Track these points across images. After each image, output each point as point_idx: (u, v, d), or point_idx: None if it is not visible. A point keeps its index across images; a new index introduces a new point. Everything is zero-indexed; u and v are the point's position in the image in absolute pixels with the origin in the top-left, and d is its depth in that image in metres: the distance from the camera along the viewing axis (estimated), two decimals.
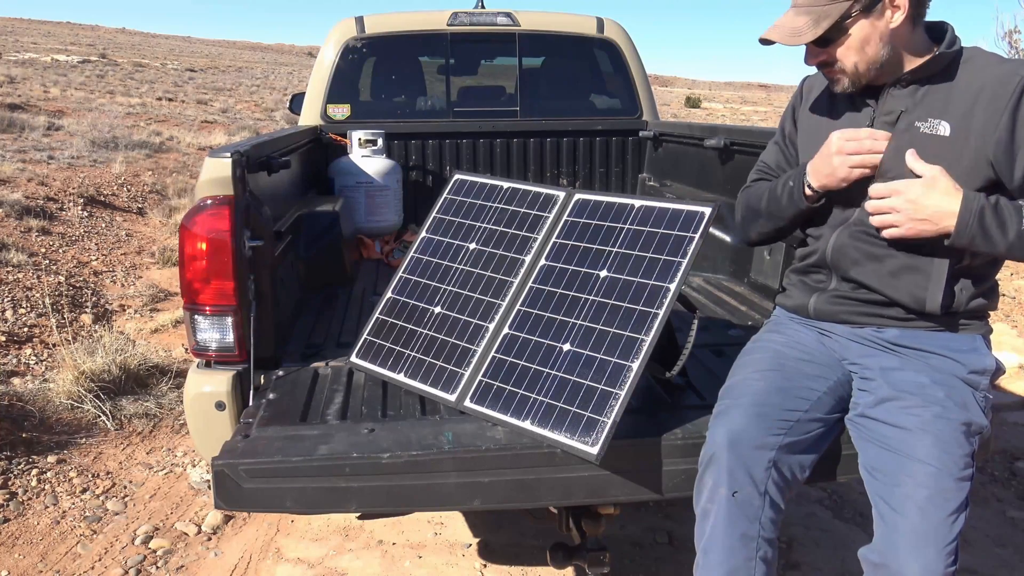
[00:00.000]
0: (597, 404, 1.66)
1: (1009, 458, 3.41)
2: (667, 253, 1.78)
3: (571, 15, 4.29)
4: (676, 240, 1.79)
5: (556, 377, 1.75)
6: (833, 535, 2.81)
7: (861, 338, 1.74)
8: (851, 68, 1.64)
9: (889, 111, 1.67)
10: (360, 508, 1.74)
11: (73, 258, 6.13)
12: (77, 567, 2.65)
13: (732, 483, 1.57)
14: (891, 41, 1.61)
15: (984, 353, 1.68)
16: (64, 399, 3.72)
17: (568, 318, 1.82)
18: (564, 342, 1.79)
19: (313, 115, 3.96)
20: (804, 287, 1.85)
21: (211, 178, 1.93)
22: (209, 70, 37.73)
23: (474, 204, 2.20)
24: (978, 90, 1.58)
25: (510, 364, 1.85)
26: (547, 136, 4.15)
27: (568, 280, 1.89)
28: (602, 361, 1.71)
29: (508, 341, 1.89)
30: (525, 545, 2.72)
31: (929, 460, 1.52)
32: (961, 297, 1.65)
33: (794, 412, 1.65)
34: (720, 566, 1.57)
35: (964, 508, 1.51)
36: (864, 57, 1.62)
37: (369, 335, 2.15)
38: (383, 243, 3.68)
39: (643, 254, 1.81)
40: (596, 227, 1.93)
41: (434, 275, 2.14)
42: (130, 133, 12.07)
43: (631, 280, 1.78)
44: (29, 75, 22.15)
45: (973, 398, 1.63)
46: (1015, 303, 5.70)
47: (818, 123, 1.81)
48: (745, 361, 1.80)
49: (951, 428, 1.56)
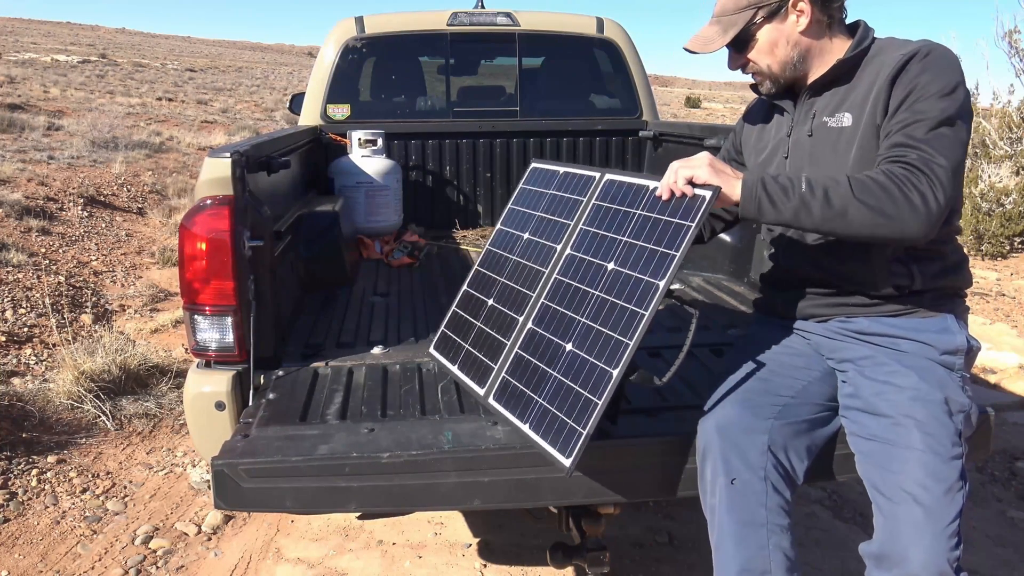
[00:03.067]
0: (579, 412, 1.57)
1: (1009, 458, 3.41)
2: (664, 244, 1.60)
3: (571, 15, 4.29)
4: (674, 229, 1.60)
5: (555, 379, 1.68)
6: (833, 535, 2.81)
7: (832, 332, 1.77)
8: (767, 70, 1.74)
9: (804, 113, 1.76)
10: (360, 508, 1.74)
11: (73, 258, 6.13)
12: (77, 567, 2.65)
13: (728, 470, 1.58)
14: (799, 43, 1.71)
15: (955, 332, 1.68)
16: (64, 399, 3.72)
17: (576, 314, 1.72)
18: (568, 341, 1.70)
19: (313, 115, 3.96)
20: (771, 289, 1.92)
21: (211, 178, 1.93)
22: (209, 70, 37.73)
23: (536, 192, 2.12)
24: (876, 75, 1.64)
25: (526, 361, 1.79)
26: (547, 136, 4.15)
27: (583, 271, 1.77)
28: (591, 365, 1.61)
29: (528, 336, 1.83)
30: (525, 545, 2.72)
31: (913, 444, 1.53)
32: (918, 277, 1.66)
33: (781, 397, 1.67)
34: (733, 559, 1.57)
35: (960, 488, 1.50)
36: (775, 59, 1.72)
37: (445, 328, 2.14)
38: (383, 243, 3.68)
39: (645, 244, 1.65)
40: (614, 212, 1.78)
41: (494, 267, 2.10)
42: (130, 133, 12.07)
43: (631, 275, 1.64)
44: (29, 75, 22.14)
45: (949, 378, 1.63)
46: (1015, 303, 5.70)
47: (755, 133, 1.94)
48: (731, 361, 1.82)
49: (931, 409, 1.57)
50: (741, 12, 1.70)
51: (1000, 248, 6.87)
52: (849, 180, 1.51)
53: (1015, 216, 6.97)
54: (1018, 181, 7.62)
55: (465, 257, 3.58)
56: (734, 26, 1.70)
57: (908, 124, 1.56)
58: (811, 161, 1.74)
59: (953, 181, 1.52)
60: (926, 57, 1.58)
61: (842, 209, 1.49)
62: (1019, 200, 7.15)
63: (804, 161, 1.75)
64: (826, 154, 1.70)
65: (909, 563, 1.45)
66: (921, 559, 1.44)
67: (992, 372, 4.30)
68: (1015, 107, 8.49)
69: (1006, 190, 7.32)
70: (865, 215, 1.48)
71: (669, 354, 2.20)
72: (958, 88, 1.57)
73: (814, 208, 1.50)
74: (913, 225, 1.48)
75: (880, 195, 1.48)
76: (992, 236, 6.83)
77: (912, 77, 1.57)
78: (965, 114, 1.57)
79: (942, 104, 1.55)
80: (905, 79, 1.58)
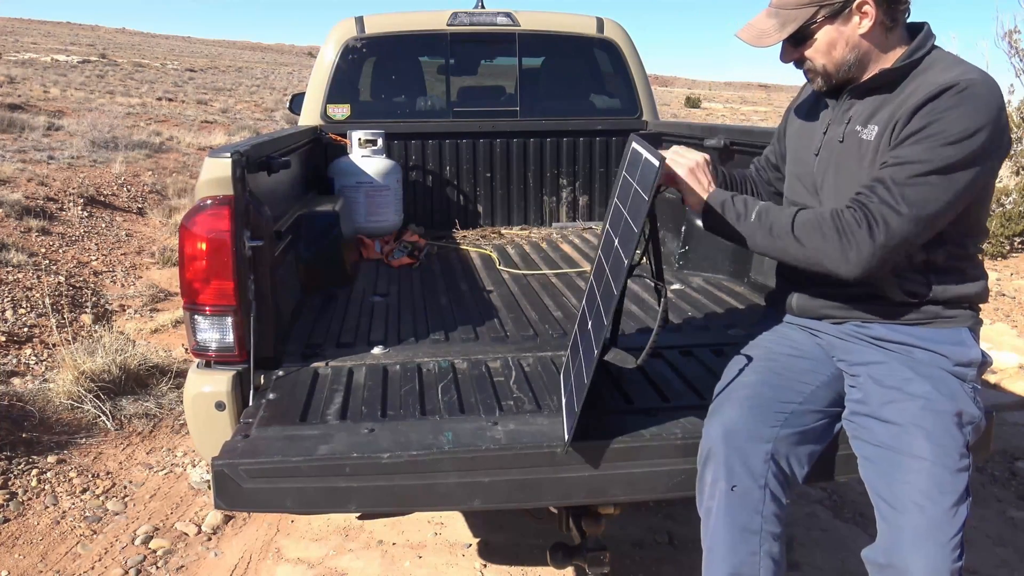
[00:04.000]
0: (578, 391, 1.63)
1: (1009, 458, 3.41)
2: (633, 219, 1.55)
3: (571, 15, 4.30)
4: (639, 203, 1.54)
5: (580, 357, 1.73)
6: (833, 535, 2.81)
7: (846, 334, 1.75)
8: (821, 69, 1.70)
9: (842, 113, 1.73)
10: (360, 508, 1.74)
11: (73, 258, 6.13)
12: (77, 567, 2.65)
13: (730, 477, 1.57)
14: (859, 46, 1.65)
15: (970, 345, 1.67)
16: (64, 399, 3.71)
17: (596, 292, 1.76)
18: (590, 318, 1.73)
19: (313, 115, 3.96)
20: (787, 284, 1.89)
21: (211, 178, 1.93)
22: (209, 70, 37.72)
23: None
24: (911, 95, 1.59)
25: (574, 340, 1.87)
26: (547, 136, 4.15)
27: (606, 247, 1.79)
28: (591, 344, 1.64)
29: (580, 315, 1.91)
30: (525, 545, 2.72)
31: (922, 454, 1.52)
32: (935, 287, 1.66)
33: (788, 404, 1.66)
34: (724, 562, 1.57)
35: (964, 500, 1.50)
36: (831, 60, 1.67)
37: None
38: (383, 243, 3.68)
39: (628, 218, 1.61)
40: (628, 184, 1.74)
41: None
42: (130, 133, 12.06)
43: (620, 251, 1.61)
44: (29, 75, 22.14)
45: (961, 389, 1.63)
46: (1015, 303, 5.70)
47: (798, 123, 1.91)
48: (738, 359, 1.81)
49: (941, 420, 1.56)
50: (802, 8, 1.63)
51: (1000, 248, 6.87)
52: (794, 216, 1.64)
53: (1015, 216, 6.97)
54: (1018, 181, 7.62)
55: (465, 257, 3.58)
56: (793, 22, 1.63)
57: (899, 164, 1.54)
58: (836, 168, 1.71)
59: (914, 229, 1.53)
60: (960, 93, 1.51)
61: (781, 243, 1.64)
62: (1019, 200, 7.15)
63: (831, 164, 1.73)
64: (851, 164, 1.68)
65: (911, 574, 1.46)
66: (923, 570, 1.45)
67: (992, 372, 4.30)
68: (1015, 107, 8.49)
69: (1006, 190, 7.31)
70: (799, 252, 1.62)
71: (670, 355, 2.20)
72: (978, 133, 1.50)
73: (758, 237, 1.67)
74: (842, 269, 1.58)
75: (815, 237, 1.60)
76: (992, 236, 6.83)
77: (935, 112, 1.52)
78: (978, 158, 1.52)
79: (947, 152, 1.50)
80: (927, 111, 1.53)
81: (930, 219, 1.54)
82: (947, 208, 1.54)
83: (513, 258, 3.55)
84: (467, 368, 2.14)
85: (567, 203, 4.28)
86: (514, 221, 4.26)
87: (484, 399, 1.92)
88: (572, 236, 4.00)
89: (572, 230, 4.14)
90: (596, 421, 1.74)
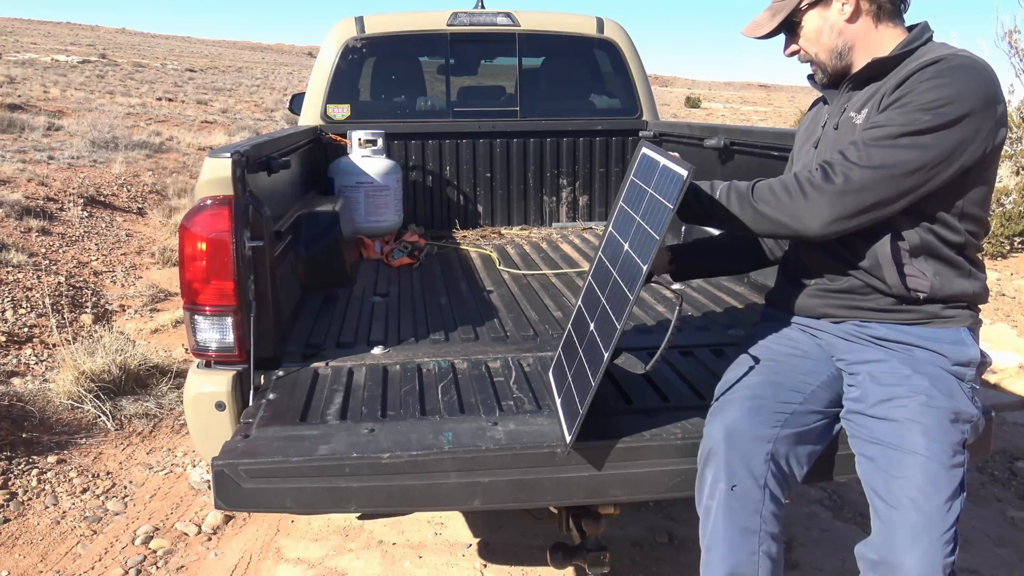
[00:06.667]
0: (582, 391, 1.63)
1: (1009, 458, 3.41)
2: (652, 225, 1.58)
3: (571, 15, 4.30)
4: (659, 210, 1.57)
5: (580, 358, 1.74)
6: (833, 535, 2.81)
7: (846, 333, 1.76)
8: (816, 58, 1.77)
9: (840, 104, 1.78)
10: (360, 508, 1.74)
11: (73, 258, 6.13)
12: (77, 567, 2.65)
13: (731, 477, 1.58)
14: (844, 32, 1.71)
15: (969, 345, 1.68)
16: (64, 399, 3.72)
17: (601, 294, 1.76)
18: (592, 320, 1.74)
19: (313, 115, 3.97)
20: (787, 283, 1.90)
21: (211, 178, 1.93)
22: (209, 70, 37.71)
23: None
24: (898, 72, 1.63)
25: (570, 338, 1.86)
26: (547, 136, 4.15)
27: (614, 249, 1.79)
28: (598, 346, 1.65)
29: (576, 314, 1.92)
30: (525, 545, 2.72)
31: (917, 450, 1.53)
32: (933, 281, 1.65)
33: (789, 404, 1.66)
34: (723, 562, 1.57)
35: (958, 496, 1.51)
36: (821, 47, 1.74)
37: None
38: (383, 243, 3.68)
39: (644, 224, 1.63)
40: (640, 190, 1.75)
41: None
42: (130, 133, 12.06)
43: (633, 256, 1.63)
44: (29, 75, 22.13)
45: (959, 387, 1.63)
46: (1015, 303, 5.70)
47: (802, 132, 1.97)
48: (739, 359, 1.82)
49: (938, 417, 1.57)
50: None
51: (1000, 248, 6.86)
52: (754, 183, 1.67)
53: (1015, 216, 6.96)
54: (1018, 181, 7.61)
55: (465, 257, 3.58)
56: (781, 11, 1.74)
57: (871, 127, 1.59)
58: (831, 152, 1.71)
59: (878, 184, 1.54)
60: (943, 66, 1.54)
61: (748, 211, 1.66)
62: (1019, 200, 7.15)
63: (825, 151, 1.75)
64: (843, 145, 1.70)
65: (903, 570, 1.46)
66: (916, 567, 1.45)
67: (992, 372, 4.30)
68: (1015, 107, 8.48)
69: (1006, 190, 7.31)
70: (766, 212, 1.64)
71: (671, 355, 2.20)
72: (956, 103, 1.51)
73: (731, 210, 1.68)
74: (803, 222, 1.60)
75: (779, 195, 1.63)
76: (992, 236, 6.83)
77: (915, 83, 1.55)
78: (954, 129, 1.51)
79: (919, 116, 1.53)
80: (909, 83, 1.57)
81: (896, 179, 1.54)
82: (917, 173, 1.54)
83: (513, 258, 3.55)
84: (467, 368, 2.14)
85: (567, 203, 4.29)
86: (514, 221, 4.26)
87: (484, 399, 1.93)
88: (572, 236, 4.00)
89: (572, 230, 4.14)
90: (596, 421, 1.74)
